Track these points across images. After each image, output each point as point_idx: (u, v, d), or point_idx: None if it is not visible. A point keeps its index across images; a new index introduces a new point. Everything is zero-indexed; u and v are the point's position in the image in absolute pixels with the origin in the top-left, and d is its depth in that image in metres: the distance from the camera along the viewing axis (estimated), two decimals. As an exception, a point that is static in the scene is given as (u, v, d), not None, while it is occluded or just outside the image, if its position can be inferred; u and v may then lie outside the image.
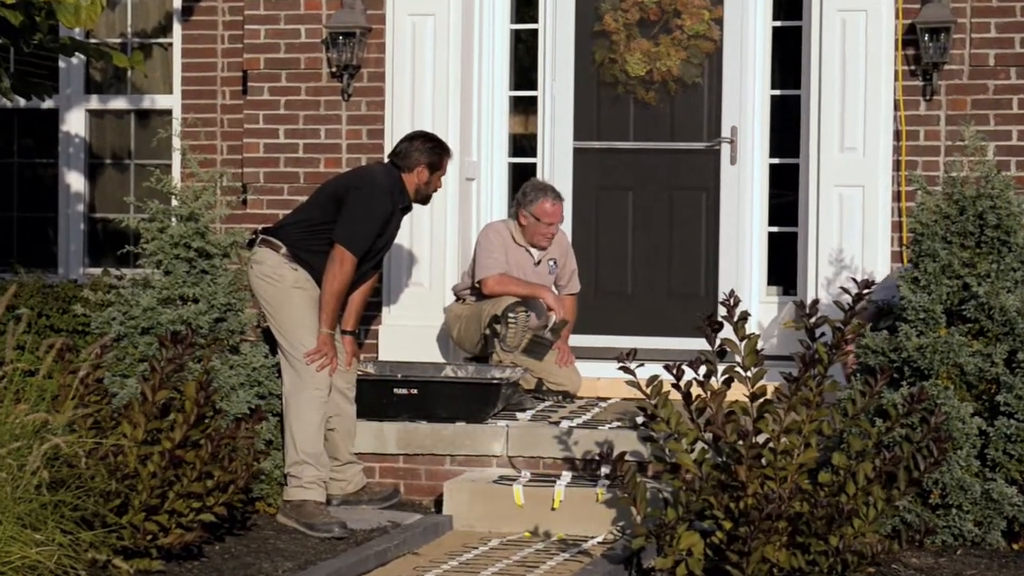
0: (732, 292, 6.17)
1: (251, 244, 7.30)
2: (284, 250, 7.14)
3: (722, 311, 6.16)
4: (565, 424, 7.60)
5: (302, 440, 7.02)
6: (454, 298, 8.56)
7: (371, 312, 8.69)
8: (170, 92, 9.67)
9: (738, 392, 6.29)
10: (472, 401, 7.68)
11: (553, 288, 8.50)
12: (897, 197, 8.47)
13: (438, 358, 8.70)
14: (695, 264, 9.13)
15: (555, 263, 8.54)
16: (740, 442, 5.94)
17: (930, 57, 8.32)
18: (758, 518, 5.64)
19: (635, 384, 6.14)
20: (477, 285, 8.31)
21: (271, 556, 6.43)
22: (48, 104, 9.55)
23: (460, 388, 7.78)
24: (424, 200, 7.44)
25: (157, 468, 6.09)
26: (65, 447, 5.67)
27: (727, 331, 6.13)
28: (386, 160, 7.55)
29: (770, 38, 9.04)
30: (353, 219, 7.06)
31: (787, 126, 8.98)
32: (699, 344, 6.49)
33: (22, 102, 9.14)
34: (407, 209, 7.39)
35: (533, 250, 8.45)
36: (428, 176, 7.32)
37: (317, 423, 7.07)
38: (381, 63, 8.92)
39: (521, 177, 9.20)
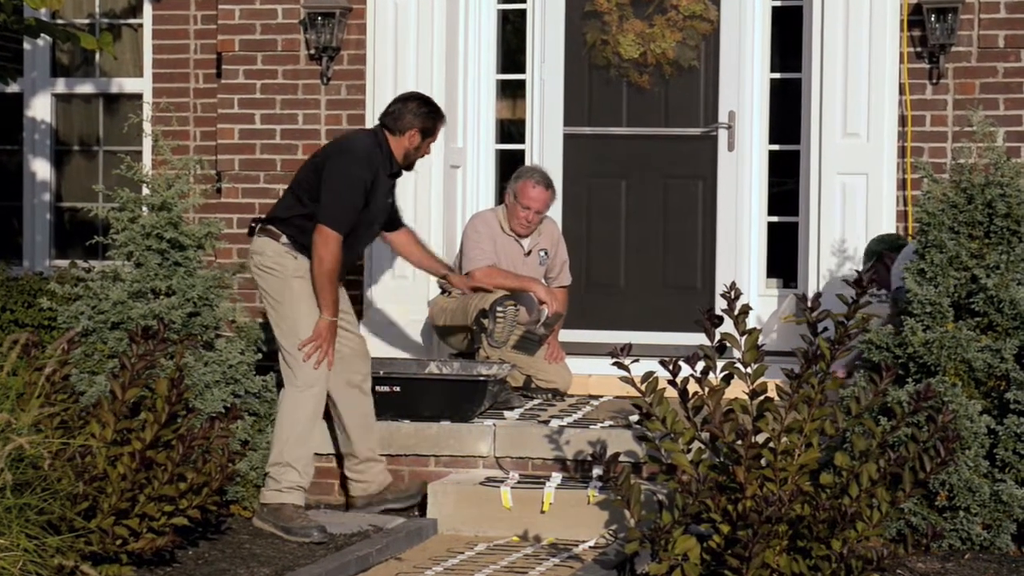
0: (733, 284, 6.15)
1: (251, 233, 7.23)
2: (284, 238, 7.07)
3: (722, 304, 6.14)
4: (555, 423, 7.58)
5: (286, 440, 6.97)
6: (439, 291, 8.54)
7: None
8: (140, 75, 9.63)
9: (736, 390, 6.28)
10: (457, 399, 7.66)
11: (542, 280, 8.49)
12: (902, 185, 8.47)
13: (422, 354, 8.68)
14: (691, 256, 9.12)
15: (546, 253, 8.53)
16: (739, 442, 5.93)
17: (937, 38, 8.32)
18: (757, 521, 5.63)
19: (629, 380, 6.12)
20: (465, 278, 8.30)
21: (247, 562, 6.42)
22: (12, 88, 9.52)
23: (445, 385, 7.76)
24: (409, 166, 7.33)
25: (127, 470, 6.07)
26: (30, 448, 5.64)
27: (725, 325, 6.11)
28: (375, 122, 7.39)
29: (769, 19, 9.03)
30: (330, 195, 6.96)
31: (787, 111, 8.98)
32: (695, 339, 6.48)
33: (-15, 86, 9.11)
34: (396, 175, 7.27)
35: (523, 240, 8.44)
36: (419, 141, 7.21)
37: (304, 423, 7.00)
38: (362, 45, 8.90)
39: (509, 164, 9.19)
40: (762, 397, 6.03)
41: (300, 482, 7.00)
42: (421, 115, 7.20)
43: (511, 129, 9.43)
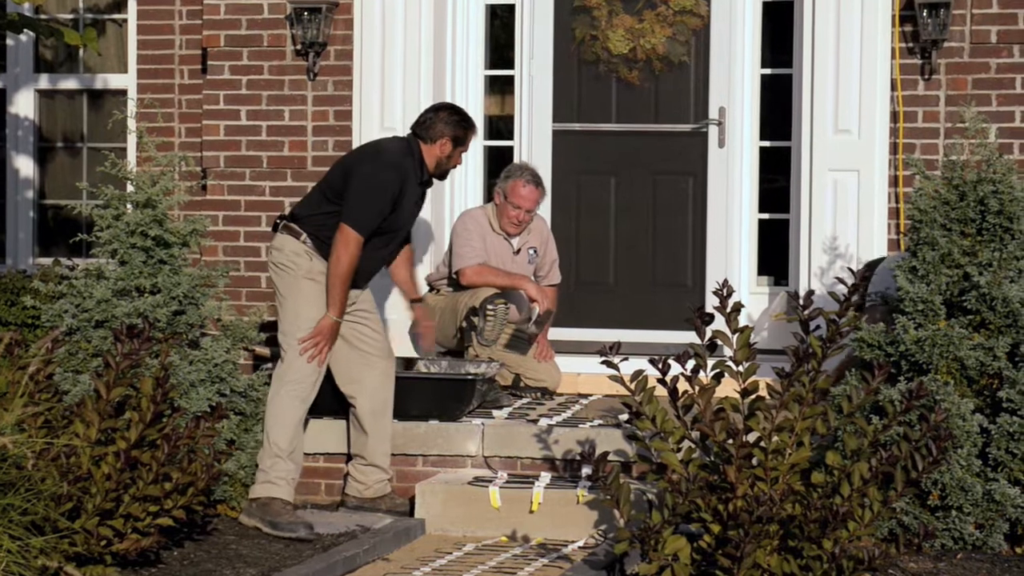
0: (726, 282, 6.15)
1: (275, 229, 7.24)
2: (304, 236, 7.09)
3: (714, 302, 6.14)
4: (544, 422, 7.58)
5: (275, 433, 7.00)
6: (428, 288, 8.54)
7: (339, 304, 8.65)
8: (125, 71, 9.62)
9: (727, 388, 6.27)
10: (445, 398, 7.66)
11: (532, 279, 8.49)
12: (894, 182, 8.48)
13: (410, 352, 8.67)
14: (681, 253, 9.12)
15: (535, 252, 8.52)
16: (729, 441, 5.93)
17: (929, 34, 8.32)
18: (748, 521, 5.63)
19: (619, 379, 6.12)
20: (454, 276, 8.29)
21: (233, 562, 6.41)
22: (-5, 84, 9.52)
23: (433, 384, 7.76)
24: (442, 176, 7.36)
25: (112, 470, 6.06)
26: (13, 447, 5.63)
27: (716, 323, 6.11)
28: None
29: (760, 14, 9.03)
30: (357, 197, 6.99)
31: (778, 107, 8.98)
32: (685, 337, 6.46)
33: (-33, 82, 9.09)
34: (427, 184, 7.30)
35: (513, 238, 8.44)
36: (451, 150, 7.25)
37: (291, 418, 7.02)
38: (349, 40, 8.89)
39: (497, 161, 9.18)
40: (753, 396, 6.03)
41: (291, 474, 7.00)
42: (452, 123, 7.24)
43: (499, 125, 9.43)
